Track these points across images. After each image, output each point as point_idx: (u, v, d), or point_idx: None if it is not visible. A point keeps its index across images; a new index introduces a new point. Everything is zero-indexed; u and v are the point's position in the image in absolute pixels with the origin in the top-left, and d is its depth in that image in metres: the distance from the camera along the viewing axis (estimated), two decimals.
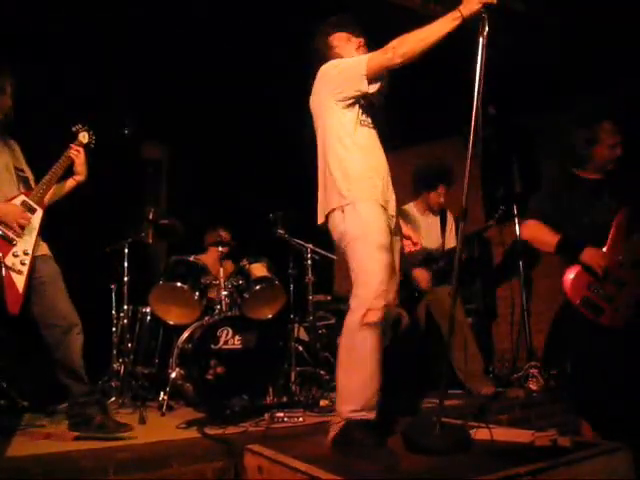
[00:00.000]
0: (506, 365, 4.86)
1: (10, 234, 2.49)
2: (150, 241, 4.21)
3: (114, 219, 4.05)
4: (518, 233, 4.29)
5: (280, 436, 2.59)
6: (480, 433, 2.15)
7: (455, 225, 4.24)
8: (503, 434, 2.19)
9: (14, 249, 2.48)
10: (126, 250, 4.03)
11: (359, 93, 2.36)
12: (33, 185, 2.73)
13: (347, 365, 2.23)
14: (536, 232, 2.88)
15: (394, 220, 2.47)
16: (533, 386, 3.81)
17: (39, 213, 2.64)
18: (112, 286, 4.13)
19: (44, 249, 2.68)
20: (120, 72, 4.45)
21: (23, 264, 2.48)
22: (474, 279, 5.32)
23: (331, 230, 2.41)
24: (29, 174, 2.77)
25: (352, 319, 2.22)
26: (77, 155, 2.79)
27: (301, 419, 2.89)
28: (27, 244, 2.53)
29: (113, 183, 2.88)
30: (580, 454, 1.85)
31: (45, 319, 2.56)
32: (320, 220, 2.46)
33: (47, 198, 2.75)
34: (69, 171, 2.85)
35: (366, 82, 2.31)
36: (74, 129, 2.91)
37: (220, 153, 5.59)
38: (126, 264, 4.01)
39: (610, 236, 2.67)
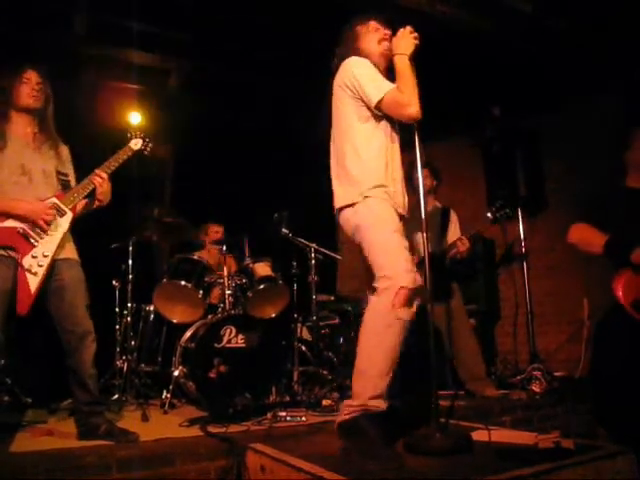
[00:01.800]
0: (509, 367, 4.85)
1: (33, 234, 2.49)
2: (154, 239, 4.21)
3: (118, 217, 4.05)
4: (522, 233, 4.29)
5: (283, 435, 2.58)
6: (482, 435, 2.14)
7: (457, 222, 4.22)
8: (506, 436, 2.18)
9: (34, 250, 2.48)
10: (130, 248, 4.04)
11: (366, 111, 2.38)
12: None
13: (373, 349, 2.14)
14: (583, 234, 2.77)
15: (403, 222, 2.42)
16: (536, 388, 3.80)
17: (68, 217, 2.62)
18: (116, 284, 4.14)
19: (70, 253, 2.66)
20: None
21: (40, 266, 2.47)
22: (477, 280, 5.31)
23: (343, 225, 2.39)
24: (72, 179, 2.77)
25: (382, 301, 2.13)
26: (101, 184, 2.72)
27: (304, 418, 2.88)
28: (48, 246, 2.52)
29: (117, 181, 2.87)
30: (583, 457, 1.85)
31: (61, 323, 2.56)
32: (337, 205, 2.42)
33: (79, 208, 2.73)
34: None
35: (372, 110, 2.34)
36: (129, 135, 2.90)
37: (225, 152, 5.60)
38: (130, 262, 4.02)
39: None
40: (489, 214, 4.00)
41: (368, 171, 2.33)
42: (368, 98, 2.32)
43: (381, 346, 2.13)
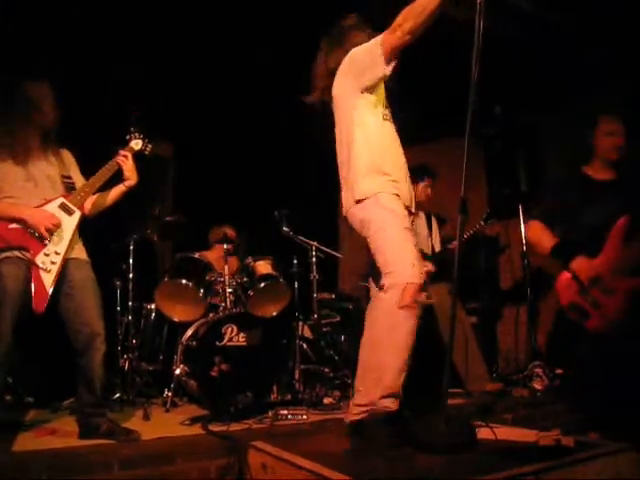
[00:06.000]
0: (510, 364, 4.85)
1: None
2: (155, 238, 4.22)
3: (120, 216, 4.06)
4: (524, 232, 4.28)
5: (284, 433, 2.59)
6: (484, 432, 2.15)
7: (438, 227, 4.30)
8: (507, 433, 2.18)
9: (46, 248, 2.51)
10: (131, 247, 4.04)
11: (380, 76, 2.33)
12: None
13: (384, 347, 2.10)
14: (536, 234, 2.90)
15: (412, 218, 2.40)
16: (538, 386, 3.79)
17: (76, 215, 2.65)
18: (117, 283, 4.15)
19: (80, 253, 2.68)
20: (126, 69, 4.46)
21: (53, 263, 2.50)
22: (479, 278, 5.31)
23: (353, 224, 2.37)
24: (78, 181, 2.79)
25: (389, 297, 2.10)
26: (124, 161, 2.82)
27: (305, 417, 2.89)
28: (60, 244, 2.55)
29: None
30: (584, 454, 1.85)
31: (71, 324, 2.57)
32: (344, 212, 2.41)
33: (89, 206, 2.79)
34: (116, 179, 2.87)
35: (384, 65, 2.29)
36: (128, 137, 2.94)
37: (226, 150, 5.59)
38: (131, 261, 4.02)
39: (607, 244, 2.63)
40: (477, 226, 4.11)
41: (377, 168, 2.31)
42: (374, 53, 2.28)
43: (392, 344, 2.09)
